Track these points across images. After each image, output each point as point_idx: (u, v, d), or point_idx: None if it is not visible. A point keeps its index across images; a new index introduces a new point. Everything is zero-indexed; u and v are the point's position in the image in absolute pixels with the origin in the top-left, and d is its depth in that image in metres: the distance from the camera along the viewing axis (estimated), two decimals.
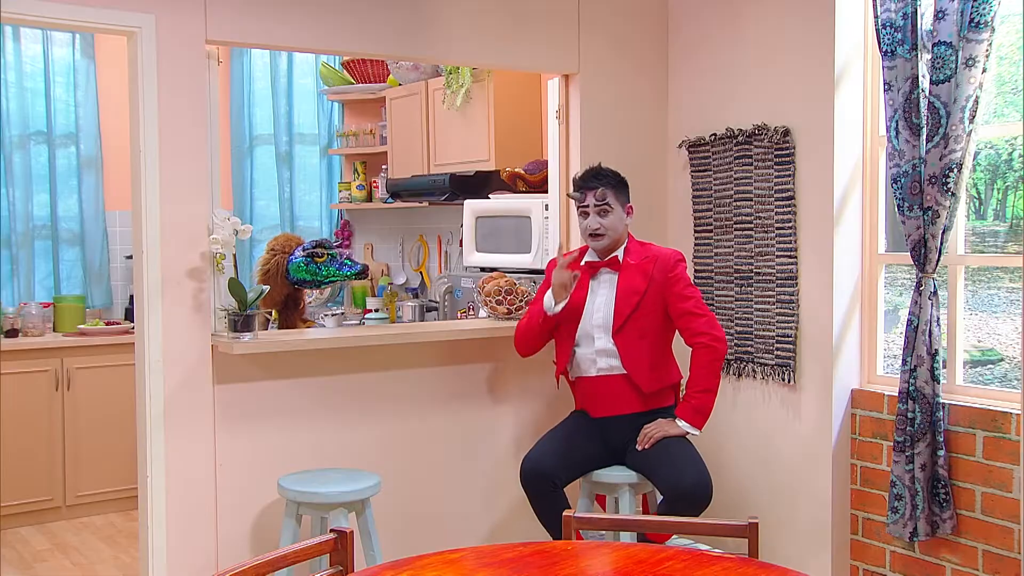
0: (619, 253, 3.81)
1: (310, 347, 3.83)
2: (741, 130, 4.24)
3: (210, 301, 3.68)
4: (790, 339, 4.07)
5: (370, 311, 6.27)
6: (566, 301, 3.76)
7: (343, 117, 6.82)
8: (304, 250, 4.37)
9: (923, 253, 3.51)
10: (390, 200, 6.22)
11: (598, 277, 3.82)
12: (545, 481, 3.64)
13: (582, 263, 3.83)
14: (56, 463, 5.49)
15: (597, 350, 3.74)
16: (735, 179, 4.29)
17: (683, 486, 3.51)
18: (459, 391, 4.21)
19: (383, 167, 6.43)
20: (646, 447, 3.63)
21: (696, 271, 4.48)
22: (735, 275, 4.30)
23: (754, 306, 4.23)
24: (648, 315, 3.72)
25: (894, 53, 3.52)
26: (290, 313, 4.53)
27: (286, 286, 4.46)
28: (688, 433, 3.66)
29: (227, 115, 6.38)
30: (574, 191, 3.83)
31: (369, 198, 6.57)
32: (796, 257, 4.04)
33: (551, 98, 4.57)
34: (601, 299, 3.77)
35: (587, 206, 3.77)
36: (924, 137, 3.48)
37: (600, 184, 3.76)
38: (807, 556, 4.04)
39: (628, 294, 3.72)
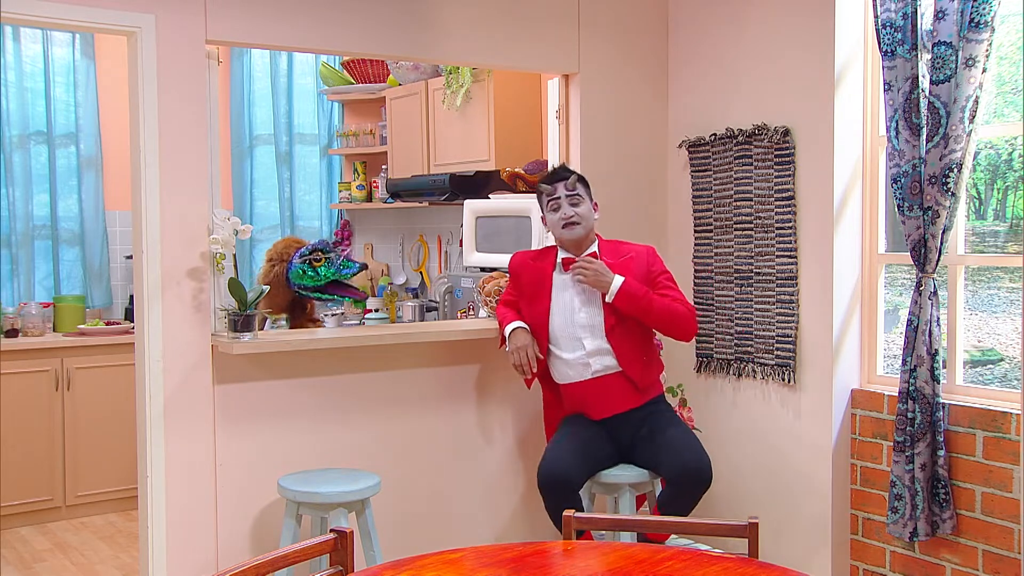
0: (595, 250, 3.79)
1: (310, 347, 3.83)
2: (741, 130, 4.24)
3: (210, 301, 3.69)
4: (790, 339, 4.07)
5: (370, 311, 6.27)
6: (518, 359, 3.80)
7: (343, 117, 6.82)
8: (301, 256, 4.32)
9: (923, 253, 3.51)
10: (390, 200, 6.22)
11: (572, 274, 3.76)
12: (565, 485, 3.55)
13: (558, 259, 3.79)
14: (56, 463, 5.49)
15: (589, 352, 3.71)
16: (735, 179, 4.28)
17: (688, 466, 3.55)
18: (459, 391, 4.21)
19: (383, 167, 6.43)
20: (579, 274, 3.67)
21: (696, 271, 4.48)
22: (735, 275, 4.30)
23: (754, 306, 4.23)
24: None
25: (894, 53, 3.52)
26: (298, 316, 4.51)
27: (289, 293, 4.42)
28: (609, 286, 3.64)
29: (227, 115, 6.38)
30: (543, 184, 3.84)
31: (369, 198, 6.56)
32: (796, 257, 4.04)
33: (551, 98, 4.57)
34: (580, 298, 3.74)
35: (558, 197, 3.76)
36: (924, 137, 3.48)
37: (570, 174, 3.80)
38: (807, 556, 4.04)
39: None
